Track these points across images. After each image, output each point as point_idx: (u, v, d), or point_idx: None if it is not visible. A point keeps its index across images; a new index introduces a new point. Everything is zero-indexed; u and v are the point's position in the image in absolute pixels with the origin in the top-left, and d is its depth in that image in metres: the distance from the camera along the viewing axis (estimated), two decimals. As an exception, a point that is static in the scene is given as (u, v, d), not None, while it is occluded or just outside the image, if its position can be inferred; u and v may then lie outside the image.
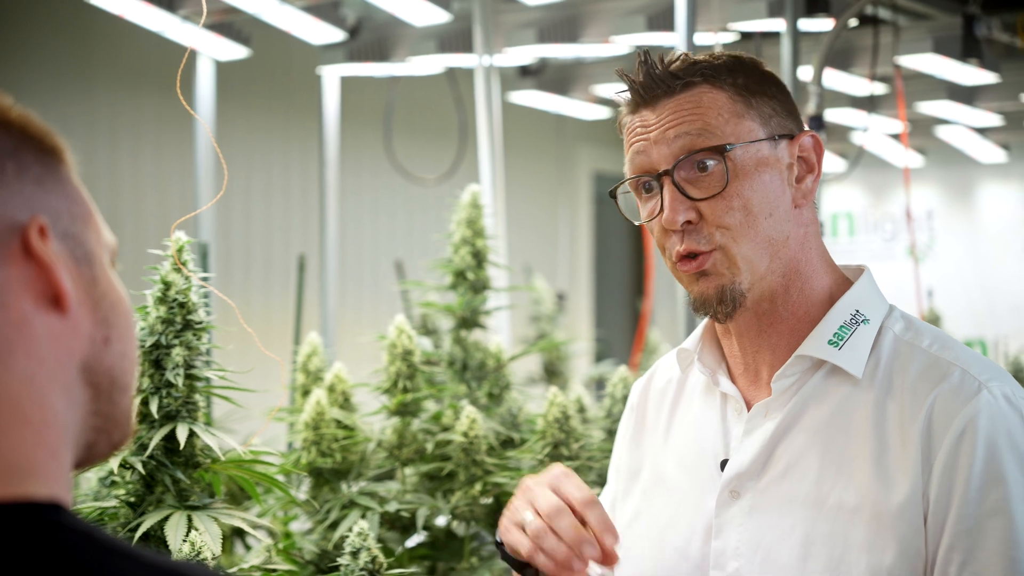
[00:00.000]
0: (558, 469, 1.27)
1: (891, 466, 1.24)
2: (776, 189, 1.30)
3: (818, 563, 1.24)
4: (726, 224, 1.28)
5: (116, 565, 0.69)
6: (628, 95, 1.34)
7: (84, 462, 0.80)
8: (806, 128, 1.37)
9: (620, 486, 1.48)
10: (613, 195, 1.37)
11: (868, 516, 1.23)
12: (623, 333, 6.52)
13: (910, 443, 1.23)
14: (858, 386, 1.28)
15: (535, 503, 1.25)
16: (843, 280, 1.36)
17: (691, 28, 2.43)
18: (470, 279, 2.21)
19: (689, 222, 1.29)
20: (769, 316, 1.33)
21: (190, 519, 1.49)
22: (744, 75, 1.32)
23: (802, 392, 1.30)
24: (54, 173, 0.79)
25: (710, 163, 1.28)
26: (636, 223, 1.36)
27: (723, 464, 1.34)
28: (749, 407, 1.34)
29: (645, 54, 1.32)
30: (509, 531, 1.27)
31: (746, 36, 3.35)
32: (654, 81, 1.30)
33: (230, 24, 3.16)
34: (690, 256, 1.30)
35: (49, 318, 0.76)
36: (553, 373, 3.75)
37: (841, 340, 1.29)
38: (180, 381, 1.52)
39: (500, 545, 1.31)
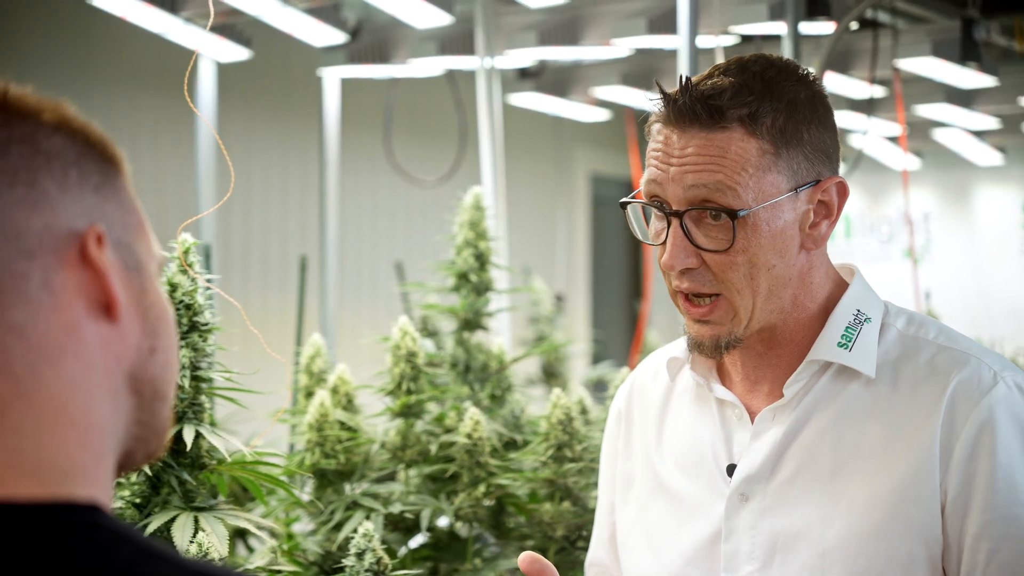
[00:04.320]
0: None
1: (904, 455, 1.25)
2: (786, 239, 1.28)
3: (836, 559, 1.25)
4: (729, 279, 1.27)
5: (152, 567, 0.70)
6: (661, 105, 1.28)
7: (121, 469, 0.81)
8: (836, 169, 1.32)
9: (617, 495, 1.48)
10: (624, 206, 1.35)
11: (883, 506, 1.24)
12: (620, 334, 6.53)
13: (926, 431, 1.24)
14: (867, 383, 1.30)
15: None
16: (840, 283, 1.36)
17: (693, 31, 2.43)
18: (473, 281, 2.21)
19: (689, 268, 1.28)
20: (768, 343, 1.34)
21: (196, 520, 1.49)
22: (787, 114, 1.26)
23: (811, 395, 1.31)
24: (112, 182, 0.80)
25: (722, 216, 1.26)
26: (641, 240, 1.36)
27: (729, 469, 1.34)
28: (750, 412, 1.35)
29: (687, 80, 1.27)
30: None
31: (747, 39, 3.36)
32: (690, 110, 1.26)
33: (232, 26, 3.16)
34: (693, 298, 1.29)
35: (100, 325, 0.77)
36: (552, 374, 3.75)
37: (849, 342, 1.30)
38: (187, 383, 1.53)
39: None
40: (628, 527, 1.44)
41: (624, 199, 1.35)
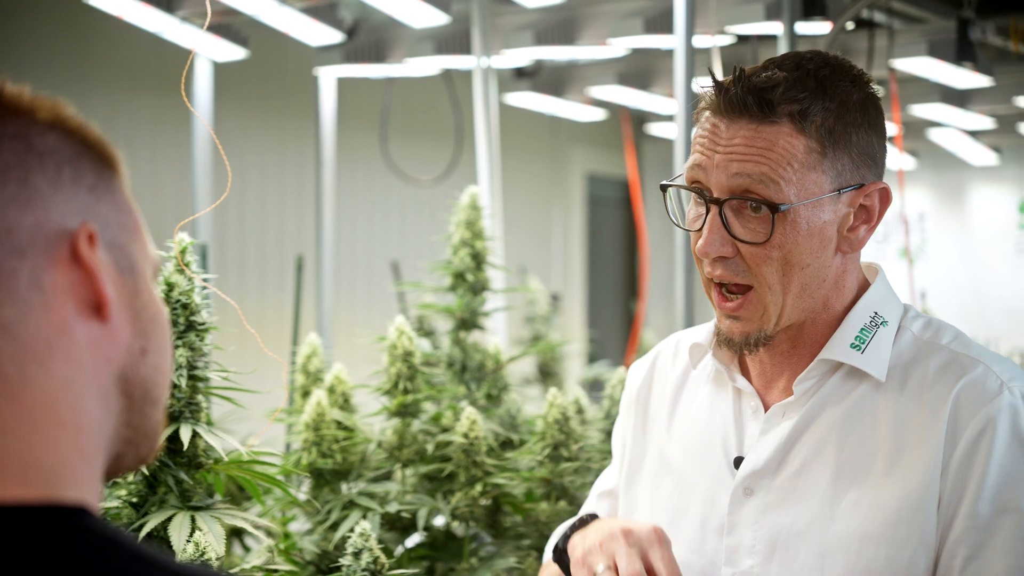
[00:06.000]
0: (655, 534, 1.26)
1: (909, 459, 1.25)
2: (823, 241, 1.28)
3: (836, 560, 1.26)
4: (762, 273, 1.27)
5: (144, 570, 0.69)
6: (711, 92, 1.28)
7: (110, 473, 0.80)
8: (881, 174, 1.32)
9: (625, 467, 1.49)
10: (665, 188, 1.35)
11: (886, 510, 1.25)
12: (616, 334, 6.53)
13: (932, 436, 1.25)
14: (876, 386, 1.30)
15: (617, 560, 1.24)
16: (864, 284, 1.36)
17: (689, 31, 2.43)
18: (469, 280, 2.21)
19: (724, 257, 1.28)
20: (794, 342, 1.34)
21: (193, 519, 1.49)
22: (837, 115, 1.26)
23: (820, 393, 1.32)
24: (107, 183, 0.80)
25: (762, 208, 1.25)
26: (679, 227, 1.36)
27: (736, 461, 1.35)
28: (766, 407, 1.36)
29: (740, 70, 1.27)
30: (578, 567, 1.28)
31: (743, 39, 3.36)
32: (741, 101, 1.25)
33: (228, 25, 3.16)
34: (725, 292, 1.30)
35: (90, 325, 0.76)
36: (547, 374, 3.76)
37: (863, 344, 1.30)
38: (184, 382, 1.53)
39: (561, 552, 1.34)
40: (636, 506, 1.45)
41: (665, 181, 1.35)
